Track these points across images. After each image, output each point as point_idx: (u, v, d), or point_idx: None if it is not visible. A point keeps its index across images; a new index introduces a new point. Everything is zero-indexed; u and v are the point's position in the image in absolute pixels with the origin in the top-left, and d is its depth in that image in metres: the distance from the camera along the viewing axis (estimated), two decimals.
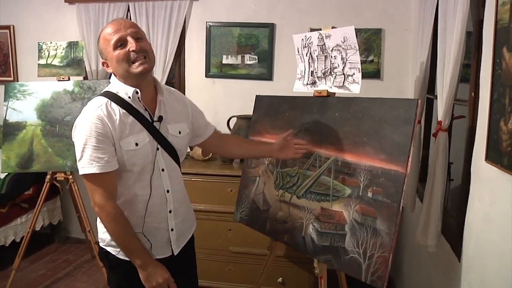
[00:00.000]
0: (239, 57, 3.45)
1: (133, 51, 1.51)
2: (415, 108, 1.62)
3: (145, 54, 1.54)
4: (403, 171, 1.60)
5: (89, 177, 1.52)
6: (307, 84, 2.19)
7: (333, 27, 2.02)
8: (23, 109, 3.12)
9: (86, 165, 1.50)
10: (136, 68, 1.53)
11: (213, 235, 2.96)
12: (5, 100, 3.13)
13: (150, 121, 1.61)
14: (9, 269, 3.11)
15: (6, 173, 3.34)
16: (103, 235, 1.68)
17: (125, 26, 1.53)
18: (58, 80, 3.21)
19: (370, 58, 3.24)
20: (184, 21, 3.47)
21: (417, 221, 2.08)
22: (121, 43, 1.52)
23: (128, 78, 1.56)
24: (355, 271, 1.70)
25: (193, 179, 2.94)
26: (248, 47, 3.43)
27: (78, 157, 1.53)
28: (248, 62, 3.44)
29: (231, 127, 3.31)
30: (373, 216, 1.67)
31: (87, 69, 3.59)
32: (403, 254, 3.02)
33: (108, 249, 1.68)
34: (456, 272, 1.78)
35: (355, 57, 1.93)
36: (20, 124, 3.10)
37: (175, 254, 1.73)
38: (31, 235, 3.11)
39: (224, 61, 3.48)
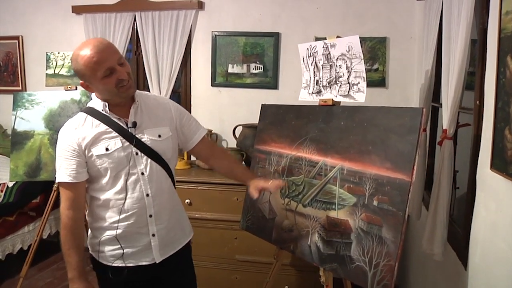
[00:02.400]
0: (245, 66, 3.48)
1: (121, 79, 1.58)
2: (420, 117, 1.62)
3: (129, 76, 1.62)
4: (408, 179, 1.60)
5: (62, 185, 1.67)
6: (313, 93, 2.20)
7: (338, 37, 2.03)
8: (31, 118, 3.15)
9: (59, 174, 1.65)
10: (125, 92, 1.62)
11: (219, 243, 2.97)
12: (13, 109, 3.17)
13: (126, 128, 1.67)
14: (17, 277, 3.12)
15: (14, 182, 3.37)
16: (90, 239, 1.79)
17: (110, 53, 1.56)
18: (66, 90, 3.22)
19: (375, 66, 3.25)
20: (190, 31, 3.51)
21: (423, 229, 2.08)
22: (110, 72, 1.56)
23: (109, 97, 1.65)
24: (361, 279, 1.70)
25: (199, 188, 2.95)
26: (254, 56, 3.45)
27: (56, 169, 1.68)
28: (254, 71, 3.46)
29: (237, 135, 3.32)
30: (379, 224, 1.67)
31: None
32: (409, 263, 3.01)
33: (94, 254, 1.80)
34: (463, 280, 1.78)
35: (360, 66, 1.94)
36: (28, 133, 3.13)
37: (157, 261, 1.74)
38: (38, 243, 3.12)
39: (230, 70, 3.51)
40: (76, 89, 3.24)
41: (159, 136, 1.72)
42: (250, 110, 3.33)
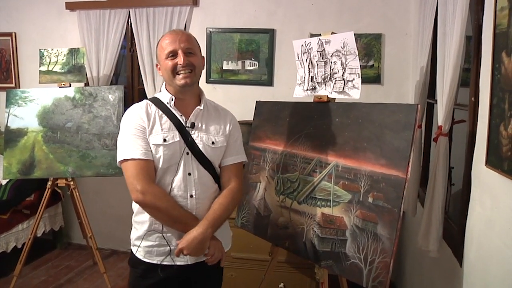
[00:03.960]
0: (240, 62, 3.46)
1: (180, 64, 1.66)
2: (415, 113, 1.61)
3: (192, 68, 1.69)
4: (403, 176, 1.60)
5: (130, 163, 1.63)
6: (307, 89, 2.19)
7: (332, 33, 2.02)
8: (25, 116, 3.13)
9: (128, 151, 1.64)
10: (179, 80, 1.68)
11: None
12: (6, 106, 3.14)
13: (184, 126, 1.71)
14: (11, 276, 3.10)
15: (8, 180, 3.34)
16: (133, 233, 1.77)
17: (180, 40, 1.68)
18: (59, 87, 3.22)
19: (370, 63, 3.24)
20: (185, 27, 3.48)
21: (418, 226, 2.07)
22: (172, 54, 1.67)
23: (171, 86, 1.73)
24: (356, 276, 1.69)
25: None
26: (249, 52, 3.43)
27: (119, 147, 1.68)
28: (249, 68, 3.44)
29: None
30: (374, 221, 1.67)
31: (88, 75, 3.60)
32: (405, 259, 3.01)
33: (132, 248, 1.78)
34: (458, 277, 1.77)
35: (354, 63, 1.93)
36: (22, 131, 3.11)
37: (190, 263, 1.72)
38: (32, 241, 3.11)
39: (225, 66, 3.49)
40: (70, 86, 3.23)
41: (213, 143, 1.75)
42: (245, 107, 3.30)
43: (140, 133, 1.66)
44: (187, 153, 1.70)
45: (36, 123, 3.12)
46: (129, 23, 3.59)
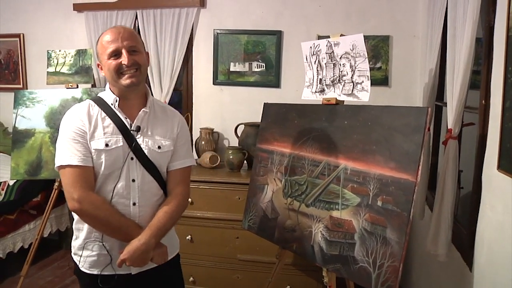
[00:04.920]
0: (247, 64, 3.45)
1: (124, 64, 1.55)
2: (425, 116, 1.60)
3: (137, 67, 1.59)
4: (413, 179, 1.58)
5: (67, 170, 1.54)
6: (316, 92, 2.18)
7: (341, 35, 2.01)
8: (32, 117, 3.13)
9: (65, 156, 1.54)
10: (125, 80, 1.58)
11: (220, 242, 2.95)
12: (14, 107, 3.15)
13: (129, 129, 1.62)
14: (18, 276, 3.10)
15: (15, 180, 3.35)
16: (74, 241, 1.69)
17: (123, 37, 1.57)
18: (67, 88, 3.22)
19: (378, 65, 3.22)
20: (192, 29, 3.48)
21: (427, 229, 2.05)
22: (115, 54, 1.56)
23: (115, 86, 1.63)
24: (365, 280, 1.68)
25: (201, 187, 2.93)
26: (256, 54, 3.43)
27: (57, 152, 1.58)
28: (256, 70, 3.43)
29: (239, 134, 3.30)
30: (383, 225, 1.65)
31: (95, 76, 3.59)
32: (413, 263, 2.98)
33: (74, 258, 1.69)
34: (468, 282, 1.75)
35: (364, 65, 1.92)
36: (29, 132, 3.11)
37: (132, 273, 1.64)
38: (39, 241, 3.11)
39: (232, 68, 3.48)
40: (77, 87, 3.23)
41: (159, 147, 1.66)
42: (252, 109, 3.30)
43: (78, 137, 1.56)
44: (132, 158, 1.60)
45: (43, 124, 3.12)
46: (137, 25, 3.59)
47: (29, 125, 3.12)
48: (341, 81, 2.02)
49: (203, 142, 3.39)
